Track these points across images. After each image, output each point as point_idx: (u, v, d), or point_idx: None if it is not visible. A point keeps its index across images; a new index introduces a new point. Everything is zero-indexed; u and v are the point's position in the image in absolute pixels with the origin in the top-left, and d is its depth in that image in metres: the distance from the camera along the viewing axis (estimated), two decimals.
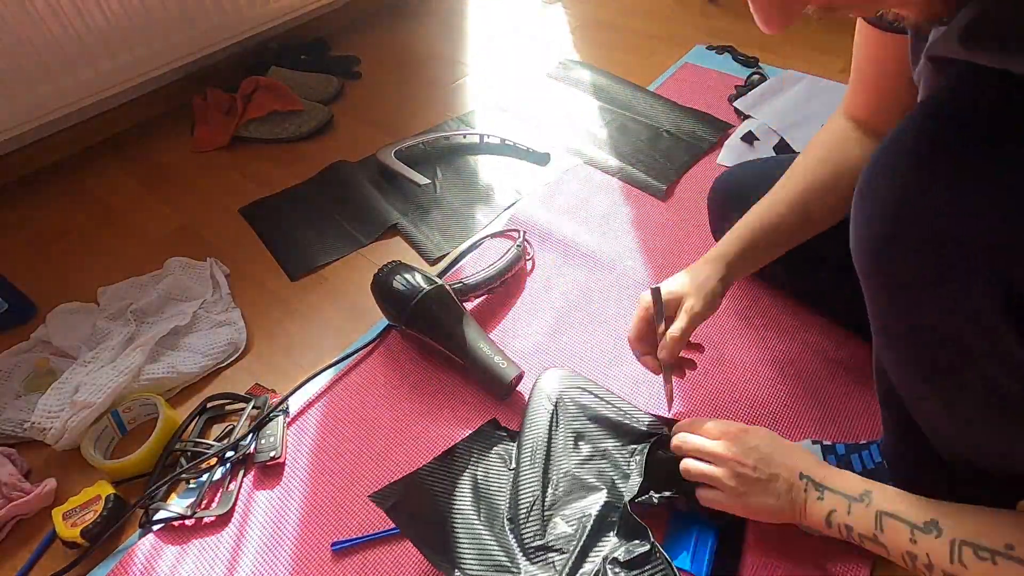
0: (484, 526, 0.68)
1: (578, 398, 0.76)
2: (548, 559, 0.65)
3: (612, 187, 1.16)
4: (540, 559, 0.65)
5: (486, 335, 0.86)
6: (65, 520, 0.71)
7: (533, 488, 0.69)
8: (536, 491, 0.69)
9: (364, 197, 1.16)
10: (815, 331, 0.88)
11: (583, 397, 0.76)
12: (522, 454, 0.72)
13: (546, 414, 0.74)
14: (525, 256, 1.02)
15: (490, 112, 1.38)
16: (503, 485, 0.72)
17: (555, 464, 0.71)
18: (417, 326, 0.87)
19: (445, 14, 1.78)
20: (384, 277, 0.89)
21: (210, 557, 0.71)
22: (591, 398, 0.76)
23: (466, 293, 0.92)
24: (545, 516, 0.67)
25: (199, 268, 1.04)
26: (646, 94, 1.38)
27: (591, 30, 1.66)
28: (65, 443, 0.79)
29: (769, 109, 1.27)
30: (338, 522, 0.73)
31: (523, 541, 0.66)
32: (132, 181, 1.26)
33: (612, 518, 0.67)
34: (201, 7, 1.33)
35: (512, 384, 0.81)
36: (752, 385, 0.83)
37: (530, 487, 0.69)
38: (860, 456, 0.70)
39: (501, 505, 0.71)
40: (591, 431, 0.74)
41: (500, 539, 0.67)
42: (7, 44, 1.10)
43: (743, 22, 1.62)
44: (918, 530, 0.49)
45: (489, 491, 0.72)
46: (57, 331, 0.94)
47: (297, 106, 1.32)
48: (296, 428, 0.83)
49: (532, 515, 0.67)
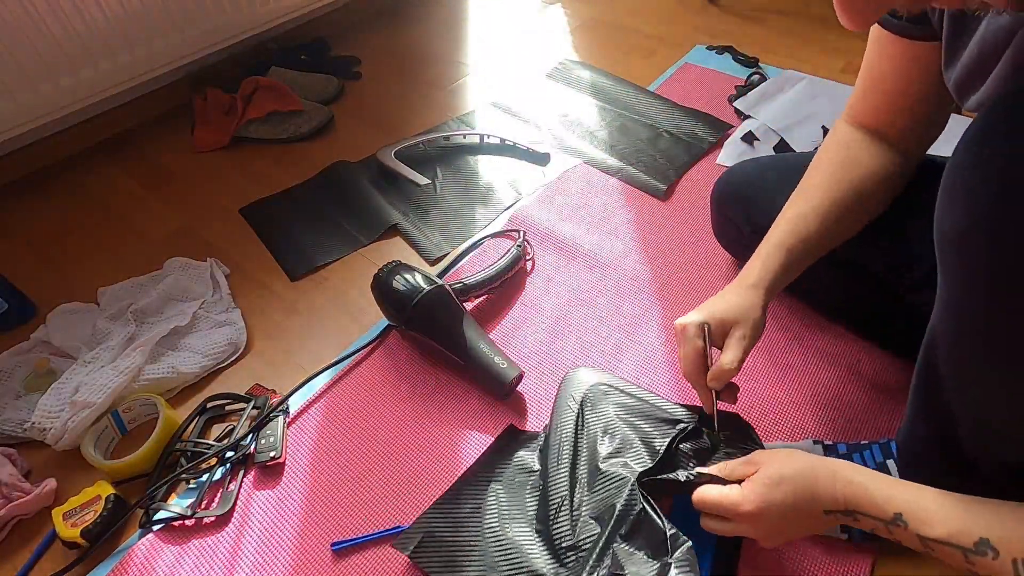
0: (515, 539, 0.67)
1: (604, 394, 0.74)
2: (579, 558, 0.64)
3: (612, 187, 1.16)
4: (571, 559, 0.64)
5: (486, 335, 0.86)
6: (65, 520, 0.71)
7: (561, 489, 0.68)
8: (564, 492, 0.68)
9: (364, 197, 1.16)
10: (817, 331, 0.88)
11: (610, 394, 0.74)
12: (549, 456, 0.71)
13: (572, 414, 0.73)
14: (525, 256, 1.02)
15: (490, 112, 1.38)
16: (530, 491, 0.72)
17: (582, 462, 0.70)
18: (417, 326, 0.87)
19: (445, 14, 1.78)
20: (384, 277, 0.89)
21: (210, 557, 0.71)
22: (617, 394, 0.74)
23: (466, 293, 0.92)
24: (574, 516, 0.66)
25: (199, 268, 1.04)
26: (646, 94, 1.38)
27: (591, 30, 1.66)
28: (65, 443, 0.79)
29: (769, 109, 1.27)
30: (338, 522, 0.73)
31: (554, 543, 0.65)
32: (132, 181, 1.26)
33: (635, 508, 0.64)
34: (201, 7, 1.33)
35: (512, 384, 0.81)
36: (755, 384, 0.83)
37: (558, 489, 0.68)
38: (862, 456, 0.70)
39: (531, 512, 0.70)
40: (617, 425, 0.72)
41: (532, 547, 0.66)
42: (7, 44, 1.09)
43: (743, 22, 1.62)
44: (971, 553, 0.47)
45: (516, 501, 0.71)
46: (57, 331, 0.94)
47: (297, 106, 1.32)
48: (296, 428, 0.83)
49: (561, 516, 0.66)
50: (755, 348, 0.86)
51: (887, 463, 0.67)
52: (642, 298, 0.96)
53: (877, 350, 0.85)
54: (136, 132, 1.37)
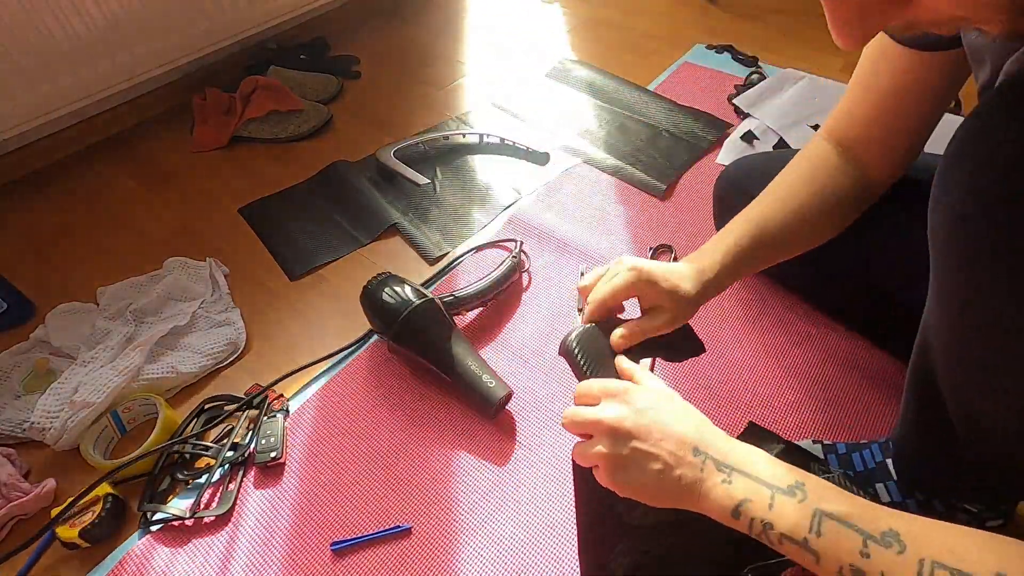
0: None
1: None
2: None
3: (611, 186, 1.16)
4: None
5: (475, 352, 0.83)
6: (65, 520, 0.71)
7: None
8: None
9: (363, 197, 1.16)
10: (817, 329, 0.88)
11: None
12: None
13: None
14: (521, 268, 0.99)
15: (489, 112, 1.38)
16: None
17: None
18: (405, 341, 0.84)
19: (444, 14, 1.78)
20: (373, 289, 0.87)
21: (209, 557, 0.71)
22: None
23: (457, 306, 0.90)
24: None
25: (198, 268, 1.04)
26: (645, 93, 1.38)
27: (590, 29, 1.66)
28: (64, 443, 0.79)
29: (769, 108, 1.27)
30: (338, 522, 0.73)
31: None
32: (132, 181, 1.26)
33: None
34: (201, 7, 1.33)
35: (500, 404, 0.79)
36: (754, 383, 0.83)
37: None
38: (861, 455, 0.70)
39: None
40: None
41: None
42: (7, 44, 1.09)
43: (743, 21, 1.62)
44: (873, 541, 0.38)
45: None
46: (56, 331, 0.94)
47: (296, 106, 1.32)
48: (295, 428, 0.83)
49: None
50: (755, 347, 0.87)
51: (886, 462, 0.67)
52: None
53: (877, 349, 0.85)
54: (136, 132, 1.37)
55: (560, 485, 0.75)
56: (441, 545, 0.71)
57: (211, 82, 1.39)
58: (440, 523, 0.72)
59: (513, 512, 0.73)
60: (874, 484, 0.67)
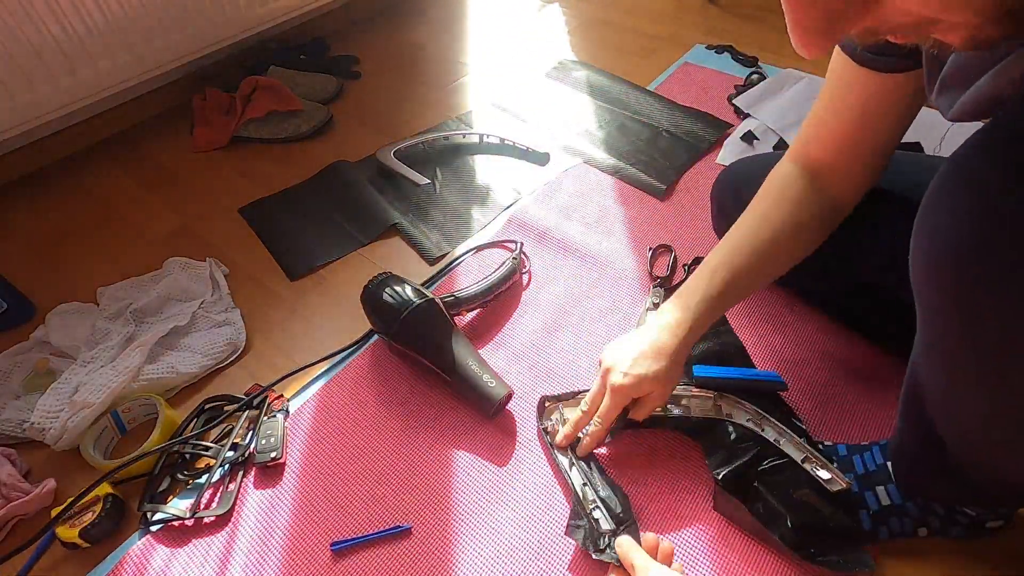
0: None
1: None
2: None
3: (611, 187, 1.16)
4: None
5: (476, 352, 0.83)
6: (65, 520, 0.71)
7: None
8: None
9: (364, 197, 1.16)
10: (818, 332, 0.88)
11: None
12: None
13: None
14: (521, 269, 1.00)
15: (489, 112, 1.38)
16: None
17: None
18: (405, 340, 0.84)
19: (444, 14, 1.78)
20: (374, 289, 0.87)
21: (209, 557, 0.71)
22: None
23: (458, 307, 0.90)
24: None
25: (198, 268, 1.04)
26: (645, 94, 1.38)
27: (590, 29, 1.66)
28: (64, 443, 0.79)
29: (769, 108, 1.27)
30: (338, 522, 0.73)
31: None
32: (132, 181, 1.26)
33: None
34: (201, 7, 1.33)
35: (500, 404, 0.79)
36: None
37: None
38: (862, 457, 0.70)
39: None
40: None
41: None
42: (7, 44, 1.09)
43: (743, 21, 1.62)
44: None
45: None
46: (56, 331, 0.93)
47: (296, 106, 1.32)
48: (295, 428, 0.83)
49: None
50: (755, 349, 0.87)
51: (887, 464, 0.67)
52: (642, 298, 0.96)
53: (876, 350, 0.85)
54: (136, 132, 1.37)
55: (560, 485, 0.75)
56: (441, 545, 0.71)
57: (211, 82, 1.39)
58: (440, 523, 0.72)
59: (513, 512, 0.73)
60: (875, 486, 0.67)
